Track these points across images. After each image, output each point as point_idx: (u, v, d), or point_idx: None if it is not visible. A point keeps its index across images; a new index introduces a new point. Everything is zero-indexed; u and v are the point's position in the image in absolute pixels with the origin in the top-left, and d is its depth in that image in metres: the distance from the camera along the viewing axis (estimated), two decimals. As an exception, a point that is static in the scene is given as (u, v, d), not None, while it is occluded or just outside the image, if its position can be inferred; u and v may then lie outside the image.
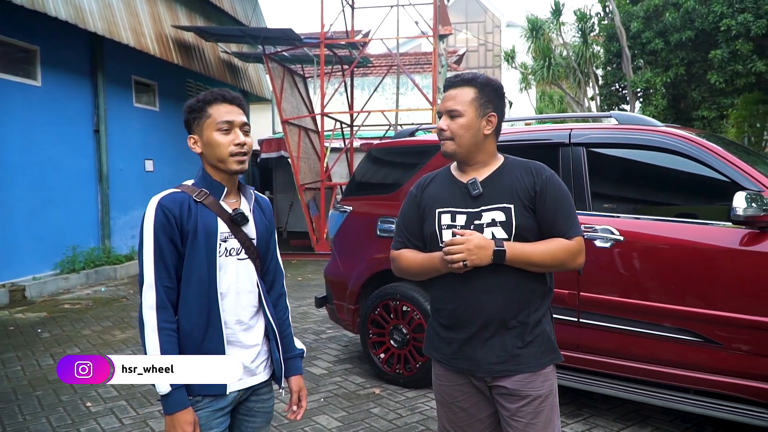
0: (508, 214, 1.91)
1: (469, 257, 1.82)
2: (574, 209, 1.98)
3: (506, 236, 1.89)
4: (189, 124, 1.90)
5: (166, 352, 1.72)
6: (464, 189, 1.99)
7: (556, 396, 1.99)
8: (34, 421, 3.87)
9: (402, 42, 14.51)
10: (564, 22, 18.92)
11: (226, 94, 1.89)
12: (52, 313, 6.94)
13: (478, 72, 2.12)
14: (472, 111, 1.95)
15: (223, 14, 13.29)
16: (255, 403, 1.96)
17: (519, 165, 2.00)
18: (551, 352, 1.97)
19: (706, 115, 12.68)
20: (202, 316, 1.80)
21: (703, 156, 3.32)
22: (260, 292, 1.95)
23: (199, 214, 1.82)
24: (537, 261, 1.89)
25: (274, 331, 1.96)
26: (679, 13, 12.21)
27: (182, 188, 1.86)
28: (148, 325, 1.73)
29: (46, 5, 7.68)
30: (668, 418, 3.75)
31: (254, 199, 2.00)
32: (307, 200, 11.45)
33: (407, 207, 2.14)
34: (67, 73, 9.10)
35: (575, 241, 1.93)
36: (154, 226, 1.77)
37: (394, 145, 4.89)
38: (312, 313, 6.93)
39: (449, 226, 1.97)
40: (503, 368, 1.92)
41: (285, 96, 11.65)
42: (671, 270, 3.31)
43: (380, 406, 4.04)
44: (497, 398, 1.97)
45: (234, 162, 1.85)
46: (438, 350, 2.06)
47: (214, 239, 1.82)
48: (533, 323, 1.94)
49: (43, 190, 8.57)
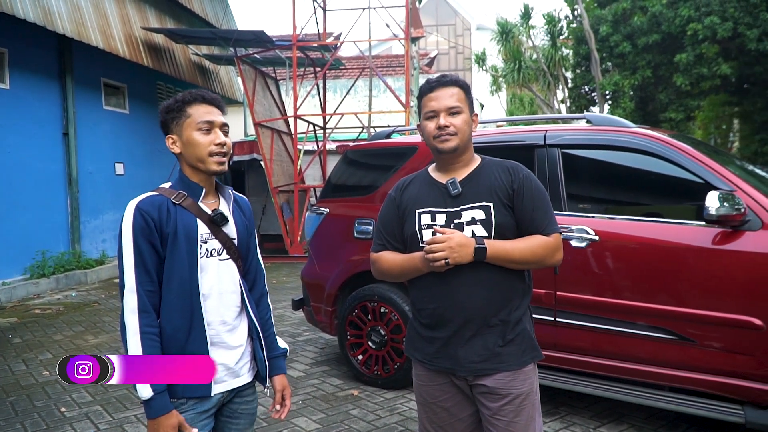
0: (487, 212, 1.94)
1: (451, 255, 1.84)
2: (551, 207, 2.02)
3: (486, 234, 1.93)
4: (167, 125, 1.89)
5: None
6: (443, 189, 2.02)
7: (538, 394, 2.02)
8: (8, 427, 3.80)
9: (374, 44, 14.54)
10: (533, 26, 19.21)
11: (205, 95, 1.89)
12: (22, 318, 6.79)
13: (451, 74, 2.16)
14: (466, 109, 2.01)
15: (194, 16, 13.16)
16: (239, 405, 1.96)
17: (496, 164, 2.04)
18: (532, 350, 2.00)
19: (673, 117, 12.97)
20: (185, 318, 1.80)
21: (676, 156, 3.40)
22: (243, 292, 1.95)
23: (179, 216, 1.81)
24: (517, 258, 1.91)
25: (258, 331, 1.97)
26: (646, 17, 12.46)
27: (160, 191, 1.85)
28: (130, 330, 1.73)
29: (15, 7, 7.52)
30: (643, 415, 3.83)
31: (233, 199, 2.00)
32: (280, 203, 11.39)
33: (386, 209, 2.16)
34: (36, 76, 8.92)
35: (553, 237, 1.96)
36: (133, 230, 1.76)
37: (370, 147, 4.91)
38: (288, 315, 6.90)
39: (429, 226, 1.99)
40: (484, 367, 1.94)
41: (257, 98, 11.57)
42: (645, 269, 3.37)
43: (359, 408, 4.04)
44: (478, 397, 1.99)
45: (214, 162, 1.85)
46: (419, 350, 2.07)
47: (194, 241, 1.82)
48: (514, 321, 1.96)
49: (12, 194, 8.38)
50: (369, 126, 12.58)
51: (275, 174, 11.43)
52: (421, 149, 4.33)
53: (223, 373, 1.87)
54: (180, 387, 1.78)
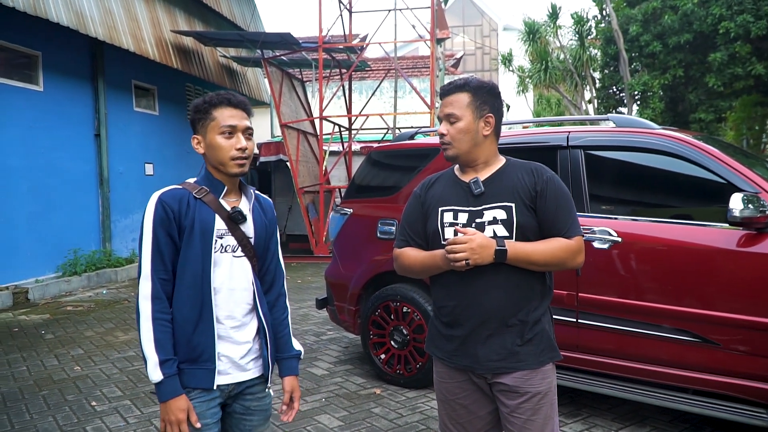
0: (509, 213, 1.95)
1: (472, 256, 1.85)
2: (574, 209, 2.01)
3: (507, 234, 1.94)
4: (194, 124, 1.94)
5: (160, 342, 1.78)
6: (466, 188, 2.03)
7: (555, 394, 2.03)
8: (41, 419, 3.91)
9: (399, 46, 14.57)
10: (561, 26, 19.06)
11: (232, 98, 1.91)
12: (54, 315, 6.98)
13: (470, 76, 2.17)
14: (469, 114, 2.00)
15: (222, 19, 13.35)
16: (251, 402, 1.99)
17: (520, 166, 2.05)
18: (550, 350, 2.00)
19: (703, 118, 12.75)
20: (195, 309, 1.84)
21: (700, 158, 3.37)
22: (255, 291, 1.97)
23: (198, 210, 1.86)
24: (537, 260, 1.92)
25: (266, 331, 1.99)
26: (677, 16, 12.28)
27: (184, 185, 1.91)
28: (143, 315, 1.79)
29: (48, 11, 7.74)
30: (667, 418, 3.80)
31: (255, 198, 2.03)
32: (306, 203, 11.48)
33: (411, 206, 2.19)
34: (68, 78, 9.16)
35: (575, 240, 1.96)
36: (153, 220, 1.82)
37: (393, 148, 4.94)
38: (312, 314, 6.97)
39: (451, 224, 2.01)
40: (503, 365, 1.95)
41: (284, 100, 11.69)
42: (669, 271, 3.35)
43: (381, 406, 4.08)
44: (497, 395, 2.01)
45: (234, 165, 1.89)
46: (439, 348, 2.10)
47: (210, 235, 1.86)
48: (532, 321, 1.97)
49: (45, 194, 8.61)
50: (394, 127, 12.62)
51: (301, 175, 11.54)
52: (444, 150, 4.34)
53: (227, 366, 1.90)
54: (184, 376, 1.83)
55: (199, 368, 1.85)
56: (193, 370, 1.85)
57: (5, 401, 4.23)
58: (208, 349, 1.86)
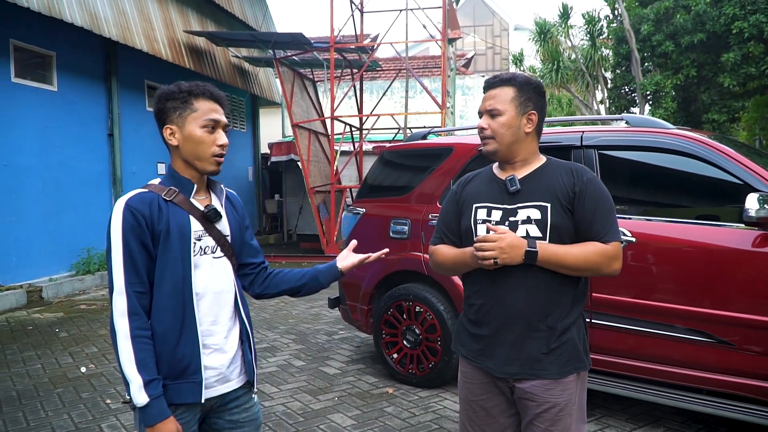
0: (544, 213, 1.90)
1: (500, 255, 1.82)
2: (614, 213, 1.95)
3: (540, 235, 1.89)
4: (165, 113, 1.79)
5: (142, 361, 1.64)
6: (502, 185, 2.00)
7: (576, 404, 1.95)
8: (56, 417, 3.95)
9: (411, 46, 14.57)
10: (572, 25, 18.99)
11: (213, 91, 1.81)
12: (68, 314, 7.04)
13: (516, 72, 2.14)
14: (512, 109, 1.96)
15: (234, 19, 13.42)
16: (238, 414, 1.88)
17: (560, 166, 2.00)
18: (576, 360, 1.93)
19: (716, 118, 12.68)
20: (177, 319, 1.72)
21: (715, 158, 3.35)
22: (236, 291, 1.89)
23: (171, 213, 1.74)
24: (570, 263, 1.86)
25: (248, 333, 1.90)
26: (690, 16, 12.21)
27: (149, 187, 1.78)
28: (121, 334, 1.65)
29: (63, 12, 7.81)
30: (680, 418, 3.78)
31: (225, 195, 1.94)
32: (317, 203, 11.51)
33: (447, 203, 2.17)
34: (82, 78, 9.23)
35: (612, 245, 1.89)
36: (122, 229, 1.68)
37: (406, 148, 4.95)
38: (324, 314, 6.99)
39: (484, 221, 1.97)
40: (522, 371, 1.91)
41: (295, 100, 11.73)
42: (683, 271, 3.34)
43: (394, 405, 4.09)
44: (518, 401, 1.97)
45: (213, 162, 1.80)
46: (465, 346, 2.06)
47: (188, 238, 1.75)
48: (561, 329, 1.91)
49: (59, 193, 8.69)
50: (405, 127, 12.62)
51: (312, 174, 11.57)
52: (456, 150, 4.36)
53: (213, 378, 1.79)
54: (169, 393, 1.69)
55: (185, 382, 1.72)
56: (178, 384, 1.72)
57: (20, 398, 4.27)
58: (194, 361, 1.73)
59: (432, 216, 4.30)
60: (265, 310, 7.18)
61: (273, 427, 3.74)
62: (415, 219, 4.41)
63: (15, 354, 5.37)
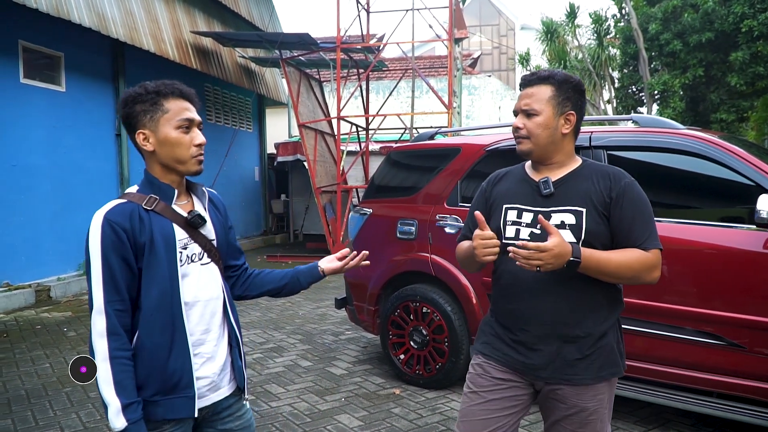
0: (578, 218, 1.84)
1: (545, 266, 1.72)
2: (653, 220, 1.88)
3: (574, 240, 1.83)
4: (134, 117, 1.69)
5: (120, 383, 1.56)
6: (535, 187, 1.93)
7: (606, 408, 1.93)
8: (64, 416, 3.96)
9: (417, 46, 14.56)
10: (579, 25, 18.90)
11: (182, 88, 1.73)
12: (76, 313, 7.06)
13: (554, 69, 2.09)
14: (550, 109, 1.89)
15: (241, 19, 13.43)
16: (230, 422, 1.83)
17: (597, 169, 1.93)
18: (611, 366, 1.89)
19: (725, 118, 12.62)
20: (166, 332, 1.65)
21: (726, 158, 3.32)
22: (225, 297, 1.83)
23: (153, 222, 1.65)
24: (610, 271, 1.80)
25: (237, 338, 1.84)
26: (698, 14, 12.15)
27: (127, 197, 1.69)
28: (99, 355, 1.57)
29: (71, 13, 7.84)
30: (690, 421, 3.76)
31: (207, 197, 1.85)
32: (323, 203, 11.52)
33: (475, 200, 2.13)
34: (90, 79, 9.27)
35: (652, 253, 1.83)
36: (102, 245, 1.59)
37: (413, 148, 4.94)
38: (331, 314, 6.99)
39: (514, 222, 1.93)
40: (555, 375, 1.88)
41: (301, 100, 11.73)
42: (693, 273, 3.32)
43: (401, 406, 4.08)
44: (545, 399, 1.95)
45: (195, 163, 1.72)
46: (490, 345, 2.01)
47: (173, 247, 1.67)
48: (598, 335, 1.87)
49: (67, 193, 8.73)
50: (411, 127, 12.60)
51: (318, 174, 11.57)
52: (464, 151, 4.34)
53: (205, 388, 1.73)
54: (160, 409, 1.64)
55: (177, 397, 1.66)
56: (170, 400, 1.65)
57: (29, 398, 4.28)
58: (186, 375, 1.67)
59: (439, 216, 4.29)
60: (271, 311, 7.19)
61: (280, 428, 3.74)
62: (423, 219, 4.40)
63: (24, 353, 5.39)
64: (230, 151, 12.54)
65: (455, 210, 4.23)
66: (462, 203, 4.22)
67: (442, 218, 4.29)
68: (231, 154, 12.77)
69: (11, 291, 7.42)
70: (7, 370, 4.91)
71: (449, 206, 4.28)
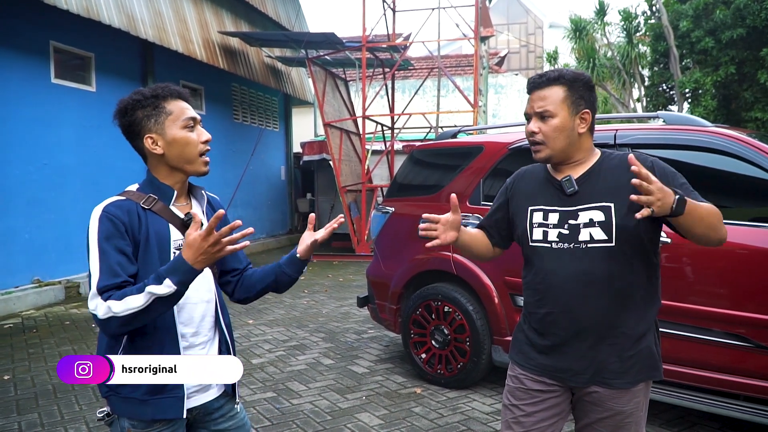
0: (607, 214, 1.79)
1: (656, 203, 1.56)
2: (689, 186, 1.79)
3: (606, 237, 1.78)
4: (139, 124, 1.69)
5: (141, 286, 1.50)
6: (558, 187, 1.89)
7: (642, 411, 1.90)
8: (90, 411, 4.03)
9: (443, 44, 14.50)
10: (609, 22, 18.62)
11: (177, 89, 1.74)
12: (104, 310, 7.17)
13: (563, 68, 2.06)
14: (565, 111, 1.83)
15: (267, 19, 13.54)
16: (223, 423, 1.83)
17: (617, 159, 1.88)
18: (649, 369, 1.85)
19: (759, 117, 12.31)
20: (156, 332, 1.64)
21: (755, 157, 3.25)
22: (217, 300, 1.82)
23: (150, 222, 1.65)
24: (703, 214, 1.67)
25: (228, 342, 1.83)
26: (730, 11, 11.89)
27: (127, 195, 1.70)
28: (114, 309, 1.49)
29: (101, 14, 7.98)
30: (716, 424, 3.68)
31: (206, 200, 1.85)
32: (348, 202, 11.55)
33: (498, 194, 2.14)
34: (120, 79, 9.42)
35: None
36: (99, 234, 1.59)
37: (436, 147, 4.92)
38: (353, 313, 7.00)
39: (540, 224, 1.89)
40: (592, 380, 1.85)
41: (327, 99, 11.77)
42: (720, 273, 3.25)
43: (421, 406, 4.07)
44: (580, 402, 1.92)
45: (202, 163, 1.73)
46: (524, 354, 1.98)
47: (167, 248, 1.66)
48: (636, 336, 1.82)
49: (97, 191, 8.87)
50: (437, 126, 12.57)
51: (343, 174, 11.60)
52: (487, 149, 4.31)
53: (194, 389, 1.72)
54: (150, 408, 1.63)
55: (165, 397, 1.65)
56: (159, 400, 1.64)
57: (56, 392, 4.37)
58: None
59: (462, 215, 4.25)
60: (295, 309, 7.22)
61: (301, 425, 3.75)
62: (445, 218, 4.36)
63: (52, 348, 5.50)
64: (256, 151, 12.64)
65: (478, 209, 4.20)
66: (485, 202, 4.19)
67: (465, 217, 4.26)
68: (257, 153, 12.88)
69: (41, 287, 7.59)
70: (35, 365, 5.01)
71: (471, 205, 4.25)
